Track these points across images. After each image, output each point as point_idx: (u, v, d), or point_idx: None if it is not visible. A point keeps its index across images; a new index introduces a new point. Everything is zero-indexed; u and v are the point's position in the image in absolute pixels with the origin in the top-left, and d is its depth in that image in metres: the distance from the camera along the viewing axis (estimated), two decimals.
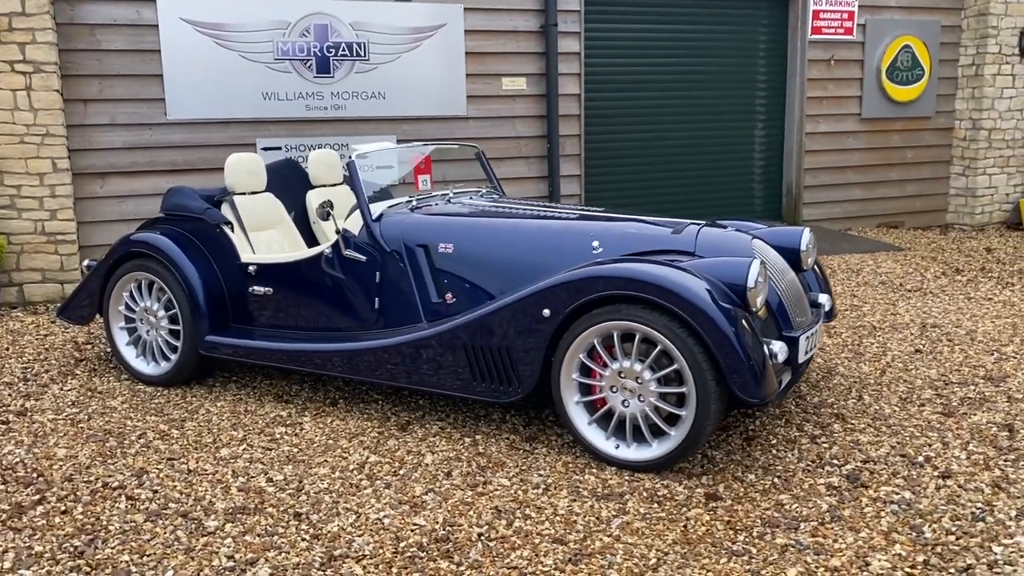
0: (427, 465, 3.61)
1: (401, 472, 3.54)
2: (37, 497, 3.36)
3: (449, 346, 3.81)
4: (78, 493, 3.40)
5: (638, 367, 3.43)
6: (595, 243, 3.93)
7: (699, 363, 3.27)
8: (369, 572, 2.78)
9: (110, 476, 3.56)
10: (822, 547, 2.89)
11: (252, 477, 3.53)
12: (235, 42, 7.32)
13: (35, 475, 3.57)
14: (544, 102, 8.47)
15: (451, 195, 4.79)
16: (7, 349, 5.43)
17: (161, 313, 4.68)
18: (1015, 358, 4.95)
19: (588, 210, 4.37)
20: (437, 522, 3.10)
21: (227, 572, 2.80)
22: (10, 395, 4.58)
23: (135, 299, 4.78)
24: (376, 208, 4.37)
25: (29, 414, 4.30)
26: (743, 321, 3.30)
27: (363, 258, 4.27)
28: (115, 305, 4.82)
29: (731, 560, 2.82)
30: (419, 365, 3.92)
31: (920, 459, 3.58)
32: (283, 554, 2.90)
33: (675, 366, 3.35)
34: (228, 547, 2.95)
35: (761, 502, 3.22)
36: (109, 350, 5.34)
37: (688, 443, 3.36)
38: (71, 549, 2.96)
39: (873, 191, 10.19)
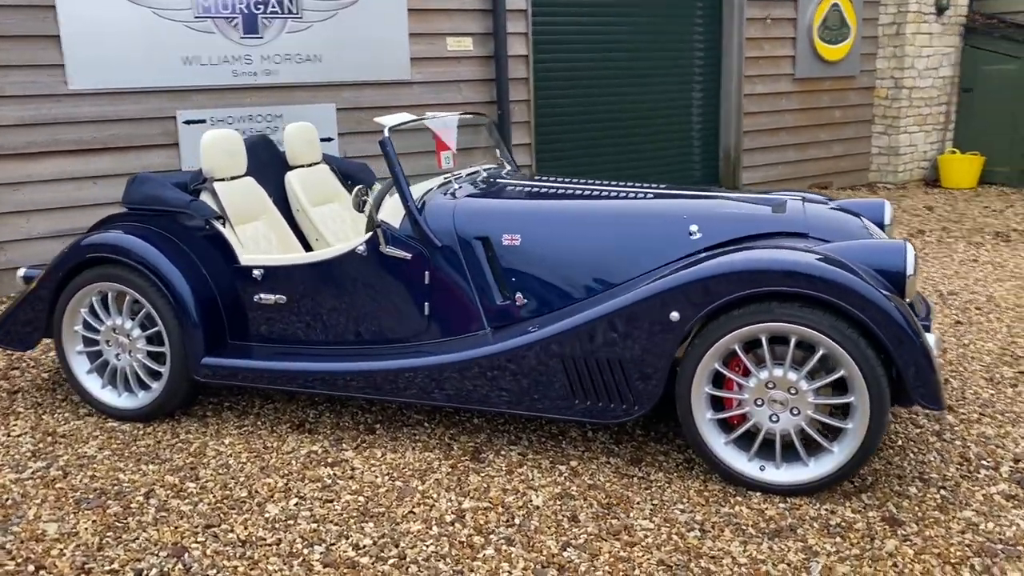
0: (539, 508, 2.98)
1: (516, 522, 2.90)
2: None
3: (544, 359, 3.17)
4: None
5: (793, 375, 2.92)
6: (693, 227, 3.37)
7: (874, 368, 2.80)
8: None
9: (139, 560, 2.73)
10: None
11: (331, 544, 2.79)
12: None
13: (33, 567, 2.69)
14: (491, 64, 7.77)
15: (483, 174, 4.10)
16: None
17: (136, 332, 3.76)
18: None
19: (651, 187, 3.80)
20: None
21: None
22: None
23: (97, 316, 3.82)
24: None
25: None
26: (914, 317, 2.84)
27: (407, 255, 3.53)
28: (69, 325, 3.85)
29: None
30: (503, 383, 3.26)
31: None
32: None
33: (839, 373, 2.86)
34: None
35: (949, 524, 2.81)
36: (60, 378, 4.34)
37: (855, 461, 2.90)
38: None
39: (805, 152, 10.12)
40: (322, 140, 5.37)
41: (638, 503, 2.99)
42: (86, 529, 2.93)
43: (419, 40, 7.39)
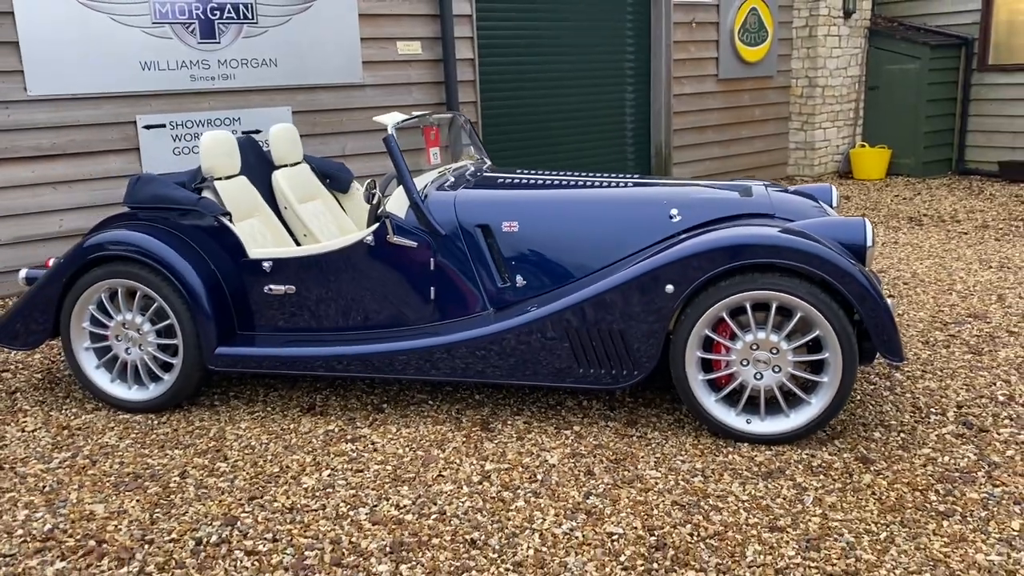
0: (555, 466, 3.30)
1: (539, 478, 3.21)
2: (136, 570, 2.68)
3: (551, 332, 3.49)
4: (176, 557, 2.76)
5: (774, 337, 3.32)
6: (673, 211, 3.75)
7: (845, 327, 3.22)
8: None
9: (195, 529, 2.93)
10: (1014, 495, 2.95)
11: (374, 506, 3.05)
12: (104, 2, 6.26)
13: (93, 542, 2.86)
14: (440, 67, 8.05)
15: (471, 168, 4.40)
16: None
17: (147, 327, 3.92)
18: (973, 295, 5.38)
19: (630, 177, 4.17)
20: (633, 527, 2.84)
21: None
22: None
23: (106, 312, 3.96)
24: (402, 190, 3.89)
25: (7, 467, 3.45)
26: (876, 282, 3.28)
27: (413, 244, 3.80)
28: (77, 322, 3.97)
29: (947, 521, 2.81)
30: (511, 357, 3.56)
31: (1002, 397, 3.78)
32: None
33: (815, 333, 3.27)
34: None
35: (912, 459, 3.25)
36: (56, 377, 4.43)
37: (830, 410, 3.31)
38: None
39: (729, 148, 10.71)
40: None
41: (643, 457, 3.34)
42: (133, 507, 3.10)
43: (370, 44, 7.61)
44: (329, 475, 3.30)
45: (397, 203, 3.85)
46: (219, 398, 4.12)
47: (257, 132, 7.01)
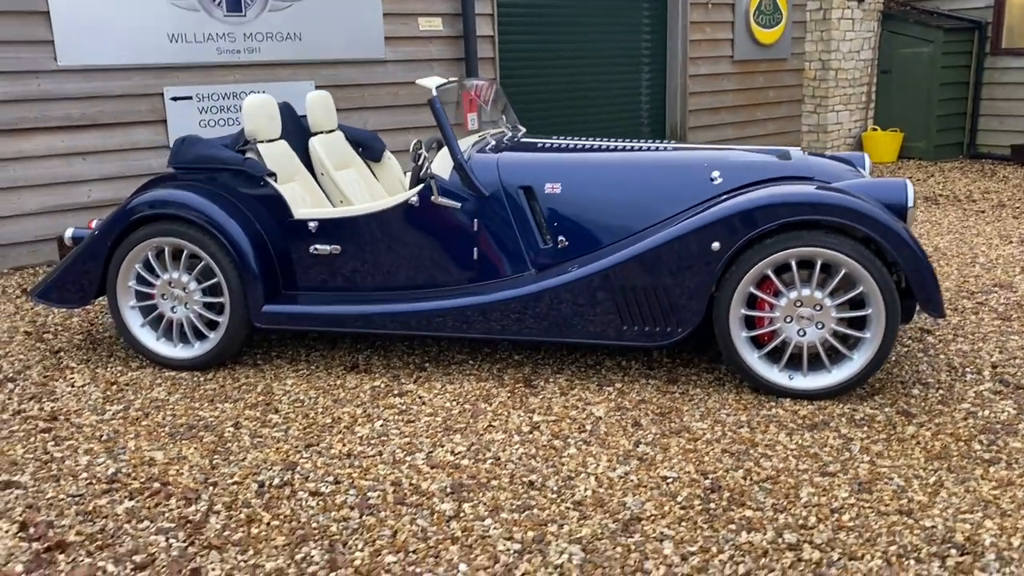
0: (601, 418, 3.37)
1: (587, 428, 3.28)
2: (204, 509, 2.75)
3: (596, 290, 3.56)
4: (242, 498, 2.83)
5: (819, 294, 3.39)
6: (715, 173, 3.81)
7: (888, 284, 3.29)
8: (677, 530, 2.56)
9: (256, 474, 3.00)
10: None
11: (429, 452, 3.11)
12: None
13: (158, 484, 2.93)
14: (460, 44, 8.09)
15: (508, 133, 4.45)
16: None
17: (193, 286, 3.98)
18: (996, 267, 5.45)
19: (665, 143, 4.23)
20: (686, 472, 2.91)
21: (522, 556, 2.45)
22: (8, 400, 3.72)
23: (152, 271, 4.02)
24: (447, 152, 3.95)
25: (63, 418, 3.51)
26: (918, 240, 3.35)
27: (457, 205, 3.86)
28: (124, 281, 4.03)
29: (993, 467, 2.88)
30: (554, 315, 3.63)
31: None
32: (566, 527, 2.59)
33: (859, 290, 3.34)
34: (497, 530, 2.58)
35: (952, 414, 3.32)
36: (99, 337, 4.49)
37: (872, 366, 3.38)
38: (311, 559, 2.46)
39: (743, 130, 10.76)
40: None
41: (687, 411, 3.41)
42: (192, 454, 3.16)
43: (392, 20, 7.65)
44: (381, 425, 3.37)
45: (441, 164, 3.91)
46: (261, 357, 4.18)
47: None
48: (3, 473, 3.03)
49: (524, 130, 4.75)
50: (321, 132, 4.87)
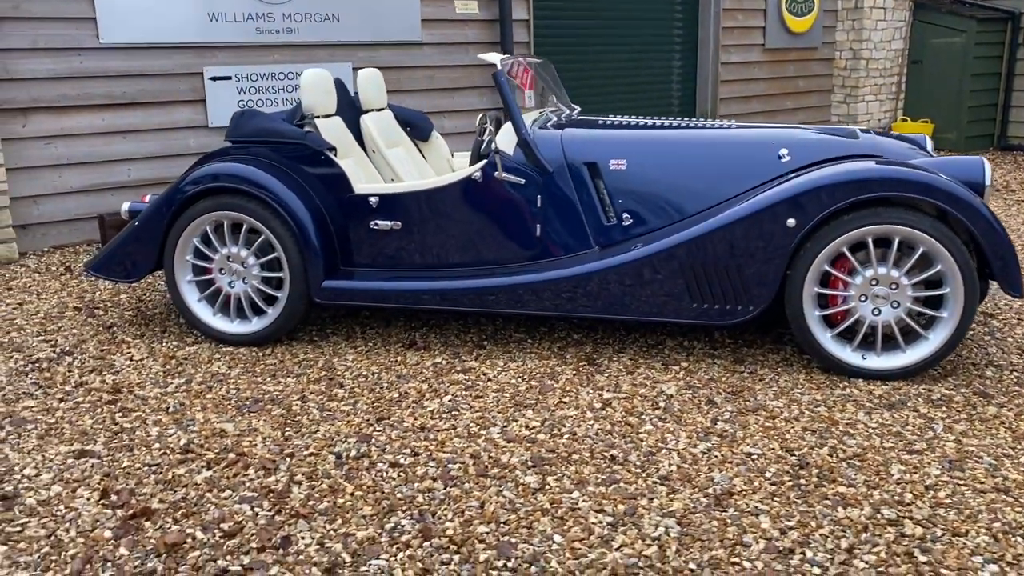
0: (673, 396, 3.32)
1: (661, 405, 3.23)
2: (285, 479, 2.72)
3: (665, 268, 3.51)
4: (322, 468, 2.79)
5: (895, 272, 3.33)
6: (783, 151, 3.75)
7: (968, 262, 3.23)
8: (771, 505, 2.51)
9: (331, 445, 2.96)
10: None
11: (504, 427, 3.08)
12: None
13: (233, 455, 2.90)
14: (495, 28, 8.03)
15: (565, 111, 4.40)
16: None
17: (251, 260, 3.94)
18: None
19: (722, 122, 4.17)
20: (770, 448, 2.87)
21: (616, 528, 2.41)
22: (68, 372, 3.69)
23: (210, 245, 3.98)
24: (510, 127, 3.90)
25: (126, 390, 3.49)
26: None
27: (521, 180, 3.81)
28: (181, 255, 4.00)
29: None
30: (621, 292, 3.58)
31: None
32: (656, 500, 2.55)
33: (936, 268, 3.28)
34: (586, 503, 2.55)
35: None
36: (151, 312, 4.47)
37: (948, 346, 3.33)
38: (402, 528, 2.43)
39: (773, 119, 10.68)
40: None
41: (759, 390, 3.37)
42: (262, 426, 3.13)
43: (429, 2, 7.60)
44: (450, 400, 3.33)
45: (505, 140, 3.86)
46: (317, 334, 4.15)
47: None
48: (75, 442, 3.01)
49: (579, 108, 4.69)
50: (372, 110, 4.83)
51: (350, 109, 4.82)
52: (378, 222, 3.94)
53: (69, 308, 4.60)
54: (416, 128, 5.15)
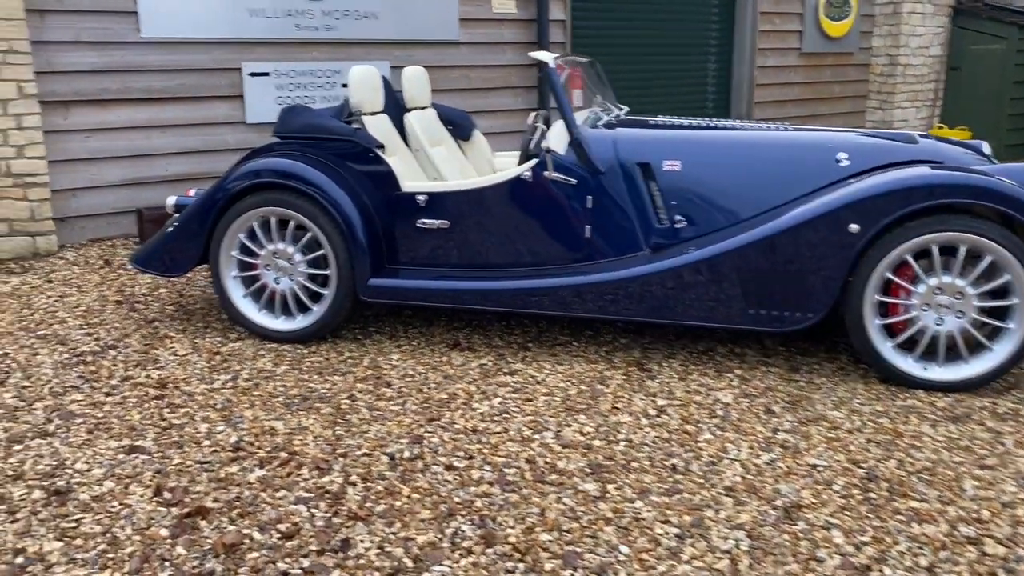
0: (730, 404, 3.25)
1: (718, 414, 3.16)
2: (340, 480, 2.67)
3: (721, 272, 3.43)
4: (376, 469, 2.74)
5: (960, 282, 3.24)
6: (841, 155, 3.67)
7: None
8: (842, 519, 2.43)
9: (383, 446, 2.91)
10: None
11: (558, 432, 3.01)
12: None
13: (284, 453, 2.85)
14: (532, 28, 7.98)
15: (614, 111, 4.34)
16: (25, 313, 4.35)
17: (298, 257, 3.90)
18: None
19: (776, 124, 4.09)
20: (836, 460, 2.79)
21: (684, 540, 2.34)
22: (113, 366, 3.66)
23: (256, 241, 3.95)
24: (561, 126, 3.84)
25: (172, 386, 3.45)
26: None
27: (572, 180, 3.75)
28: (228, 250, 3.96)
29: None
30: (673, 296, 3.51)
31: None
32: (722, 512, 2.48)
33: (1005, 278, 3.19)
34: (650, 513, 2.48)
35: None
36: (193, 308, 4.44)
37: (1014, 358, 3.24)
38: (463, 534, 2.37)
39: (807, 125, 10.53)
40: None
41: (818, 399, 3.28)
42: (312, 425, 3.08)
43: (467, 1, 7.55)
44: (500, 403, 3.27)
45: (556, 139, 3.80)
46: (361, 332, 4.10)
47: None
48: (125, 438, 2.97)
49: (627, 108, 4.63)
50: (416, 108, 4.78)
51: (394, 107, 4.77)
52: (425, 220, 3.89)
53: (110, 301, 4.58)
54: (458, 127, 5.10)
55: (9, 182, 5.45)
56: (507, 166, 5.02)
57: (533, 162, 3.79)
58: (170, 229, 4.03)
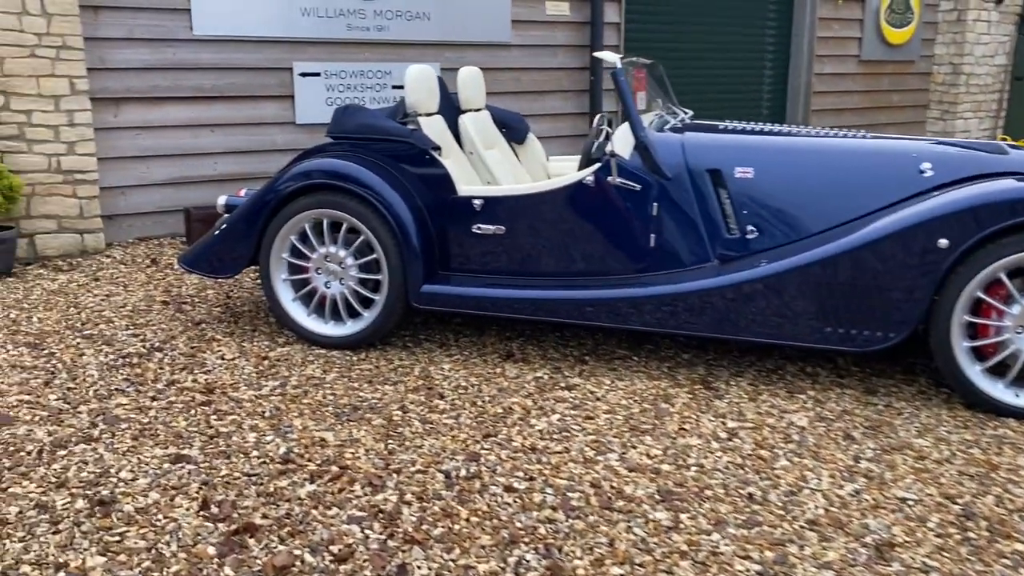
0: (805, 428, 3.05)
1: (794, 439, 2.96)
2: (394, 499, 2.52)
3: (797, 286, 3.23)
4: (431, 488, 2.59)
5: None
6: (925, 165, 3.45)
7: None
8: (941, 561, 2.23)
9: (438, 463, 2.76)
10: None
11: (622, 453, 2.84)
12: None
13: (335, 467, 2.71)
14: (585, 31, 7.81)
15: (680, 115, 4.15)
16: (72, 312, 4.28)
17: (350, 261, 3.77)
18: None
19: (853, 132, 3.87)
20: (927, 494, 2.57)
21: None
22: (159, 369, 3.56)
23: (307, 243, 3.83)
24: (626, 129, 3.67)
25: (219, 391, 3.34)
26: None
27: (637, 186, 3.57)
28: (278, 252, 3.85)
29: None
30: (743, 311, 3.32)
31: None
32: (807, 548, 2.29)
33: None
34: (728, 546, 2.29)
35: None
36: (240, 310, 4.34)
37: None
38: (527, 564, 2.21)
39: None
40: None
41: (900, 425, 3.07)
42: (364, 437, 2.94)
43: (520, 3, 7.41)
44: (559, 419, 3.10)
45: (621, 143, 3.62)
46: (410, 339, 3.97)
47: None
48: (170, 445, 2.86)
49: (691, 112, 4.44)
50: (470, 110, 4.64)
51: (448, 108, 4.64)
52: (481, 226, 3.74)
53: (156, 302, 4.50)
54: (512, 130, 4.95)
55: (59, 179, 5.42)
56: (562, 171, 4.86)
57: (596, 166, 3.62)
58: (219, 230, 3.93)
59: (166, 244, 5.79)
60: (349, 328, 3.79)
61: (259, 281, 4.19)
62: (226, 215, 4.05)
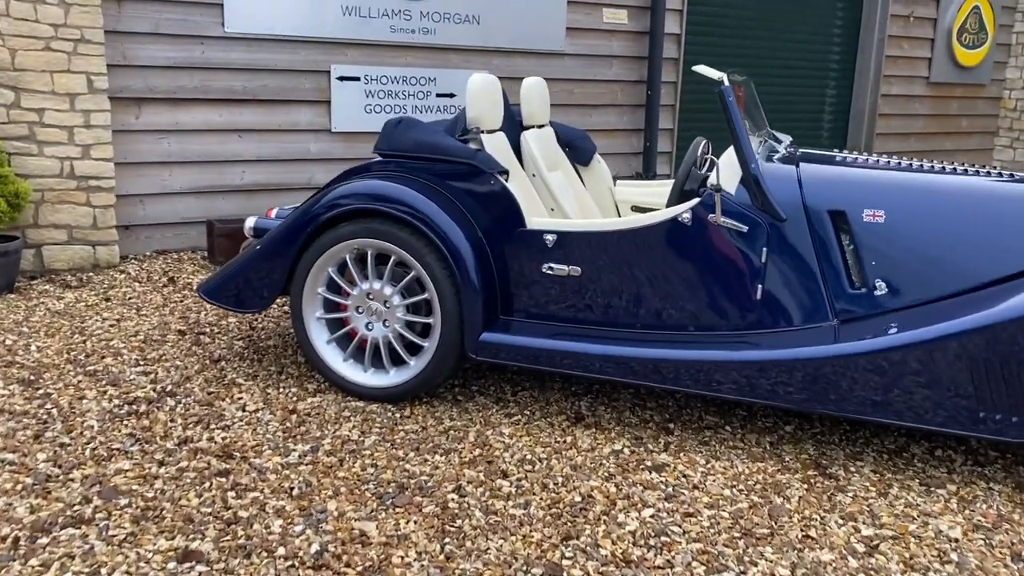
0: (960, 542, 2.45)
1: (952, 558, 2.37)
2: None
3: (946, 359, 2.64)
4: None
5: None
6: None
7: None
8: None
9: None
10: None
11: (742, 572, 2.25)
12: None
13: None
14: (643, 41, 7.24)
15: (785, 142, 3.58)
16: (76, 340, 3.75)
17: (396, 300, 3.21)
18: None
19: (998, 169, 3.28)
20: None
21: None
22: (171, 421, 3.02)
23: (346, 278, 3.28)
24: (731, 158, 3.10)
25: (239, 456, 2.78)
26: None
27: (743, 227, 2.99)
28: (313, 286, 3.30)
29: None
30: (871, 386, 2.72)
31: None
32: None
33: None
34: None
35: None
36: (263, 346, 3.80)
37: None
38: None
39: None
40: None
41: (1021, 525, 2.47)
42: (414, 532, 2.38)
43: (576, 9, 6.87)
44: (652, 516, 2.52)
45: (727, 175, 3.05)
46: (460, 392, 3.41)
47: (451, 96, 6.34)
48: (178, 534, 2.31)
49: (791, 138, 3.85)
50: (533, 126, 4.08)
51: (508, 123, 4.08)
52: (552, 265, 3.17)
53: (172, 330, 3.97)
54: (577, 150, 4.39)
55: (72, 184, 4.91)
56: (630, 197, 4.30)
57: (695, 201, 3.04)
58: (246, 257, 3.38)
59: (186, 259, 5.28)
60: (392, 378, 3.24)
61: (288, 311, 3.65)
62: (254, 240, 3.51)
